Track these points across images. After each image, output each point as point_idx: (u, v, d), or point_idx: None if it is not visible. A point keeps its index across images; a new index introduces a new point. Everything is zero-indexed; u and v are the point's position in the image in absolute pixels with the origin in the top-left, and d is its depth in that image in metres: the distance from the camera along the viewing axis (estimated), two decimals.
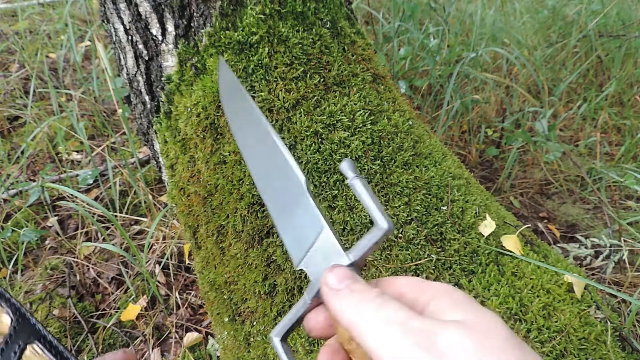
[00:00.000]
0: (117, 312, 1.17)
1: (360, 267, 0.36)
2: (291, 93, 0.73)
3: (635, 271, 1.13)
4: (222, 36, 0.72)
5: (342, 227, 0.73)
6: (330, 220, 0.72)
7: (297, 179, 0.40)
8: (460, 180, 0.82)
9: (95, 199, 1.50)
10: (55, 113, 1.79)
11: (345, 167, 0.37)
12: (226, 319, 0.82)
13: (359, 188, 0.36)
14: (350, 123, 0.74)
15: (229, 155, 0.75)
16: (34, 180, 1.59)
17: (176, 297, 1.20)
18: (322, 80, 0.75)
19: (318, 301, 0.36)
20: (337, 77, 0.76)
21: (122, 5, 0.78)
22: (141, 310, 1.15)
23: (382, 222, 0.34)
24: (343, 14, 0.83)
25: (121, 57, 0.87)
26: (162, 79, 0.81)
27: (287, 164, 0.41)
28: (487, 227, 0.78)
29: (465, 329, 0.27)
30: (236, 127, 0.48)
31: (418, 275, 0.72)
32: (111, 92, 1.26)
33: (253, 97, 0.74)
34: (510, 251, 0.78)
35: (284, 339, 0.38)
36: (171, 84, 0.80)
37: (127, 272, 1.27)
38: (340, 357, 0.34)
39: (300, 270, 0.39)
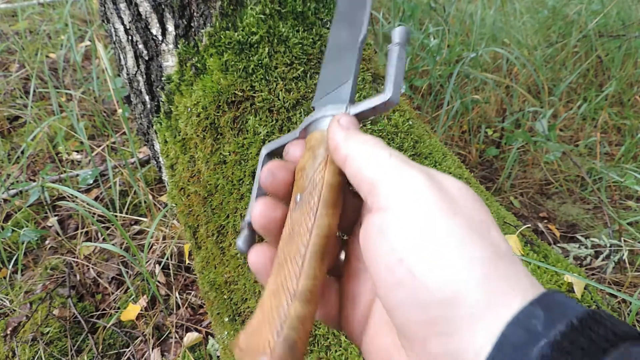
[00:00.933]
0: (117, 312, 1.17)
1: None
2: (291, 93, 0.73)
3: (635, 271, 1.13)
4: (222, 36, 0.72)
5: None
6: None
7: (360, 32, 0.41)
8: (460, 180, 0.82)
9: (95, 199, 1.50)
10: (55, 113, 1.79)
11: (398, 32, 0.36)
12: (226, 319, 0.82)
13: (394, 54, 0.35)
14: None
15: (229, 155, 0.75)
16: (34, 180, 1.59)
17: (176, 297, 1.20)
18: None
19: (303, 135, 0.39)
20: None
21: (122, 5, 0.78)
22: (141, 310, 1.15)
23: (388, 91, 0.34)
24: None
25: (121, 57, 0.87)
26: (162, 79, 0.81)
27: (362, 18, 0.42)
28: None
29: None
30: None
31: None
32: (111, 92, 1.26)
33: (253, 97, 0.74)
34: None
35: (269, 155, 0.42)
36: (171, 84, 0.80)
37: (127, 272, 1.27)
38: (283, 173, 0.36)
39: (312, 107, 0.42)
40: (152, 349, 1.09)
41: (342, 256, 0.37)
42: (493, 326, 0.23)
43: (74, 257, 1.30)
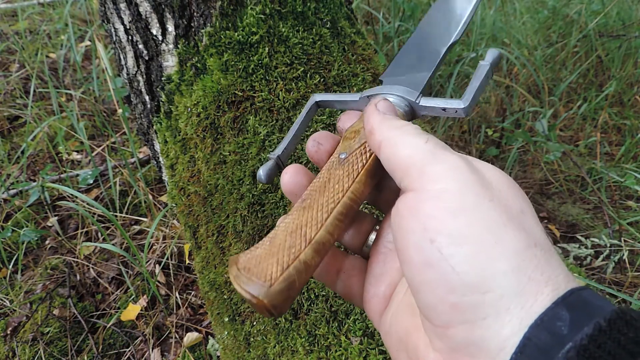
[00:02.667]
0: (117, 312, 1.17)
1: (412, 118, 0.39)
2: (291, 93, 0.73)
3: (635, 271, 1.13)
4: (222, 36, 0.72)
5: None
6: None
7: (453, 34, 0.43)
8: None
9: (95, 199, 1.50)
10: (55, 113, 1.79)
11: (491, 52, 0.38)
12: (226, 319, 0.82)
13: (482, 71, 0.37)
14: None
15: (229, 155, 0.75)
16: (34, 180, 1.58)
17: (176, 297, 1.20)
18: (322, 80, 0.75)
19: (365, 102, 0.41)
20: (337, 77, 0.76)
21: (123, 5, 0.78)
22: (141, 310, 1.15)
23: (465, 101, 0.35)
24: (343, 14, 0.83)
25: (121, 57, 0.87)
26: (162, 78, 0.81)
27: (460, 22, 0.43)
28: None
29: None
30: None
31: None
32: (111, 92, 1.27)
33: (253, 97, 0.74)
34: None
35: (318, 105, 0.44)
36: (171, 83, 0.80)
37: (127, 272, 1.27)
38: (328, 146, 0.39)
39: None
40: (152, 349, 1.09)
41: (373, 236, 0.38)
42: (522, 320, 0.22)
43: (74, 257, 1.30)
